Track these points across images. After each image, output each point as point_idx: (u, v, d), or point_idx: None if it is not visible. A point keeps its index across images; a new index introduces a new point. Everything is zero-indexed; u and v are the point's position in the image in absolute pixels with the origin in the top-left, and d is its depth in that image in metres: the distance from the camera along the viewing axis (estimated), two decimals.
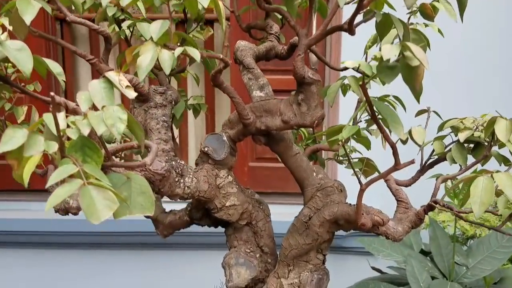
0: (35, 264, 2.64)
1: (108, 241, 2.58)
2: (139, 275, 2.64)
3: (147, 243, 2.60)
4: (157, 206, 1.11)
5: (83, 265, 2.64)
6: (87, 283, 2.64)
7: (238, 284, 0.98)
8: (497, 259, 1.69)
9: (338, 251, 2.64)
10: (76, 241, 2.57)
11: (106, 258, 2.65)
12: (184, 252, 2.64)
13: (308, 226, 0.90)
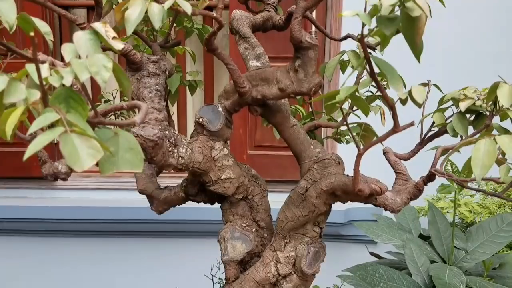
0: (34, 251, 2.63)
1: (106, 228, 2.56)
2: (135, 262, 2.63)
3: (143, 231, 2.59)
4: (152, 182, 1.10)
5: (80, 252, 2.63)
6: (85, 270, 2.63)
7: (234, 258, 0.96)
8: (496, 243, 1.67)
9: (336, 239, 2.63)
10: (75, 228, 2.56)
11: (103, 246, 2.63)
12: (179, 240, 2.63)
13: (304, 197, 0.88)
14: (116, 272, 2.63)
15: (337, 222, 2.55)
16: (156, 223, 2.54)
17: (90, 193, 2.67)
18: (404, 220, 1.97)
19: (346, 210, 2.54)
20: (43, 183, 2.61)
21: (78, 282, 2.63)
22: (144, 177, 1.08)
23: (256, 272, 0.93)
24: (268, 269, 0.93)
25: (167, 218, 2.54)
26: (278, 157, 2.52)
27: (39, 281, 2.63)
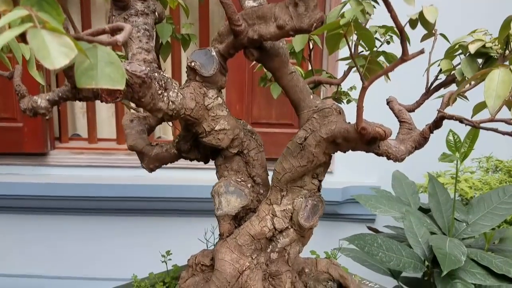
0: (25, 228, 2.58)
1: (99, 206, 2.52)
2: (127, 240, 2.59)
3: (136, 209, 2.55)
4: (143, 138, 1.04)
5: (73, 229, 2.58)
6: (77, 247, 2.59)
7: (228, 212, 0.91)
8: (498, 215, 1.63)
9: (334, 218, 2.59)
10: (68, 206, 2.51)
11: (96, 223, 2.59)
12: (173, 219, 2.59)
13: (303, 147, 0.83)
14: (108, 249, 2.59)
15: (334, 201, 2.51)
16: (149, 201, 2.50)
17: (83, 171, 2.61)
18: (403, 195, 1.93)
19: (343, 189, 2.50)
20: (35, 160, 2.55)
21: (70, 259, 2.59)
22: (134, 133, 1.03)
23: (251, 226, 0.89)
24: (264, 223, 0.88)
25: (161, 196, 2.50)
26: (275, 135, 2.47)
27: (31, 258, 2.59)
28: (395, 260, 1.52)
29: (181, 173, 2.63)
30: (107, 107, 3.00)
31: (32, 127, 2.46)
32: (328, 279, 1.07)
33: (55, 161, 2.59)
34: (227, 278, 0.86)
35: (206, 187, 2.57)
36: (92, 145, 2.69)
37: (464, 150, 1.58)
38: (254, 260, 0.89)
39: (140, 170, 2.60)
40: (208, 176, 2.55)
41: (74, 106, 2.91)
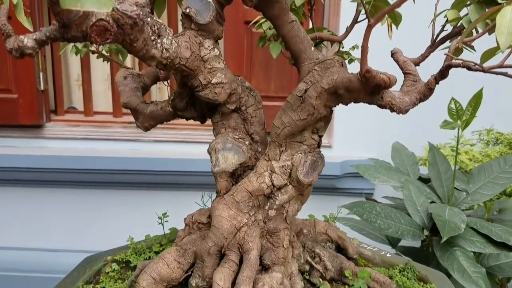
0: (24, 201, 2.56)
1: (95, 179, 2.49)
2: (123, 212, 2.58)
3: (132, 182, 2.53)
4: (137, 96, 1.01)
5: (69, 202, 2.56)
6: (73, 219, 2.57)
7: (225, 169, 0.89)
8: (498, 184, 1.62)
9: (332, 192, 2.57)
10: (63, 178, 2.48)
11: (92, 196, 2.57)
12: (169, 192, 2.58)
13: (303, 99, 0.80)
14: (105, 222, 2.57)
15: (332, 175, 2.49)
16: (146, 174, 2.48)
17: (79, 143, 2.58)
18: (403, 165, 1.91)
19: (342, 163, 2.48)
20: (31, 132, 2.52)
21: (66, 232, 2.58)
22: (128, 91, 0.99)
23: (249, 183, 0.86)
24: (262, 179, 0.86)
25: (158, 169, 2.48)
26: (274, 108, 2.43)
27: (27, 231, 2.57)
28: (393, 228, 1.51)
29: (179, 147, 2.61)
30: (103, 80, 2.95)
31: (27, 98, 2.42)
32: (326, 240, 1.05)
33: (51, 134, 2.56)
34: (224, 234, 0.84)
35: (205, 161, 2.55)
36: (88, 118, 2.65)
37: (466, 118, 1.55)
38: (251, 217, 0.87)
39: (137, 143, 2.58)
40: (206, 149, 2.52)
41: (70, 78, 2.86)
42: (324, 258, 0.99)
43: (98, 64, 2.75)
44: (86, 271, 1.01)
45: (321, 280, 0.97)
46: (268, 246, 0.89)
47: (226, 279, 0.81)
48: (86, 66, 2.61)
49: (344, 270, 0.98)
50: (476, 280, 1.36)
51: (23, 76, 2.40)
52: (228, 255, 0.85)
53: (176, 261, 0.87)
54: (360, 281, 0.94)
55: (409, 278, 1.01)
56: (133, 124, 2.62)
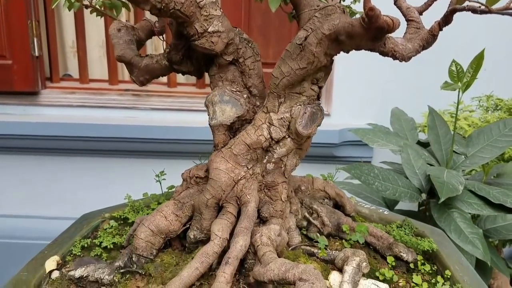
0: (20, 169, 2.55)
1: (93, 146, 2.48)
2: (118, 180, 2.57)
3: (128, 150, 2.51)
4: (131, 49, 0.98)
5: (65, 169, 2.56)
6: (68, 187, 2.57)
7: (223, 122, 0.87)
8: (497, 147, 1.61)
9: (330, 160, 2.57)
10: (59, 146, 2.47)
11: (92, 163, 2.56)
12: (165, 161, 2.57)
13: (303, 47, 0.77)
14: (102, 189, 2.57)
15: (331, 143, 2.48)
16: (142, 142, 2.46)
17: (75, 111, 2.56)
18: (401, 131, 1.89)
19: (340, 131, 2.46)
20: (27, 99, 2.49)
21: (61, 199, 2.58)
22: (122, 43, 0.96)
23: (247, 135, 0.84)
24: (260, 131, 0.84)
25: (154, 137, 2.46)
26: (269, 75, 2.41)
27: (24, 198, 2.57)
28: (391, 190, 1.51)
29: (175, 115, 2.59)
30: (98, 46, 2.90)
31: (21, 64, 2.38)
32: (324, 197, 1.04)
33: (47, 101, 2.53)
34: (222, 186, 0.83)
35: (201, 129, 2.53)
36: (84, 85, 2.62)
37: (466, 80, 1.53)
38: (249, 170, 0.86)
39: (133, 111, 2.55)
40: (205, 118, 2.50)
41: (65, 45, 2.81)
42: (321, 214, 0.98)
43: (93, 31, 2.70)
44: (83, 227, 1.01)
45: (318, 235, 0.97)
46: (266, 199, 0.88)
47: (224, 230, 0.80)
48: (81, 33, 2.56)
49: (342, 225, 0.98)
50: (473, 240, 1.37)
51: (17, 42, 2.35)
52: (226, 207, 0.84)
53: (174, 214, 0.87)
54: (357, 235, 0.94)
55: (407, 233, 1.01)
56: (129, 92, 2.59)
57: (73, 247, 0.92)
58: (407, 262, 0.92)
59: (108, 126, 2.47)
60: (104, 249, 0.92)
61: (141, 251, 0.84)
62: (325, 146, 2.45)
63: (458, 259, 0.90)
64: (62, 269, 0.86)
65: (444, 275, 0.85)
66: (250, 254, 0.81)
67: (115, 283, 0.80)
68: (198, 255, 0.77)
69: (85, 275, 0.80)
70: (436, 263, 0.92)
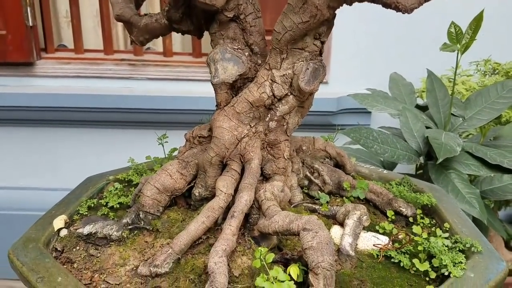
0: (16, 140, 2.55)
1: (90, 117, 2.48)
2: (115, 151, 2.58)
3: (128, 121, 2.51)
4: (130, 8, 0.97)
5: (62, 141, 2.56)
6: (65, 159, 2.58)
7: (225, 80, 0.87)
8: (495, 109, 1.62)
9: (328, 128, 2.57)
10: (58, 117, 2.46)
11: (88, 134, 2.57)
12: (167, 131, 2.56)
13: (305, 0, 0.77)
14: (99, 160, 2.58)
15: (329, 111, 2.49)
16: (139, 112, 2.45)
17: (71, 81, 2.54)
18: (400, 96, 1.90)
19: (338, 99, 2.46)
20: (22, 70, 2.47)
21: (58, 170, 2.58)
22: (120, 2, 0.95)
23: (249, 93, 0.85)
24: (263, 89, 0.84)
25: (150, 108, 2.45)
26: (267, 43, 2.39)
27: (17, 169, 2.58)
28: (389, 152, 1.52)
29: (172, 84, 2.57)
30: (92, 16, 2.85)
31: (16, 35, 2.35)
32: (325, 157, 1.06)
33: (42, 72, 2.50)
34: (226, 144, 0.84)
35: (198, 98, 2.51)
36: (79, 55, 2.59)
37: (465, 41, 1.53)
38: (252, 128, 0.86)
39: (130, 81, 2.54)
40: (201, 88, 2.49)
41: (58, 15, 2.77)
42: (322, 172, 1.00)
43: (87, 0, 2.65)
44: (88, 188, 1.02)
45: (320, 193, 0.99)
46: (269, 157, 0.89)
47: (229, 186, 0.82)
48: (75, 2, 2.52)
49: (342, 183, 1.00)
50: (470, 200, 1.40)
51: (10, 11, 2.31)
52: (230, 165, 0.85)
53: (179, 172, 0.88)
54: (358, 190, 0.96)
55: (406, 190, 1.03)
56: (125, 62, 2.56)
57: (80, 207, 0.94)
58: (406, 216, 0.94)
59: (105, 96, 2.46)
60: (110, 209, 0.94)
61: (148, 208, 0.85)
62: (323, 114, 2.46)
63: (457, 213, 0.92)
64: (70, 228, 0.87)
65: (443, 228, 0.87)
66: (254, 209, 0.83)
67: (123, 239, 0.82)
68: (204, 210, 0.78)
69: (93, 232, 0.82)
70: (435, 217, 0.95)
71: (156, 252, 0.78)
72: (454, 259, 0.73)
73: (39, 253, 0.76)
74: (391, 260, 0.79)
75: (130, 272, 0.75)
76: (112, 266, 0.76)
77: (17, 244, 0.79)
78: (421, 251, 0.78)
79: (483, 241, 0.81)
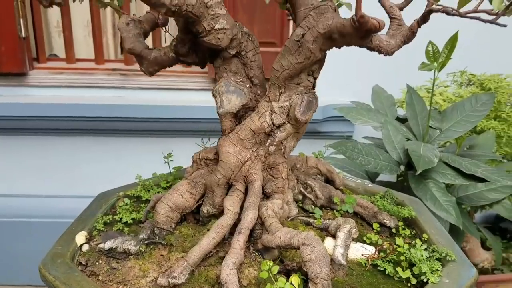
0: (9, 149, 2.60)
1: (83, 126, 2.54)
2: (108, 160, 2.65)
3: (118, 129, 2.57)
4: (140, 42, 1.06)
5: (58, 149, 2.61)
6: (62, 167, 2.64)
7: (229, 110, 0.98)
8: (470, 122, 1.76)
9: (314, 136, 2.69)
10: (51, 126, 2.52)
11: (82, 144, 2.63)
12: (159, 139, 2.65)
13: (301, 44, 0.88)
14: (89, 168, 2.64)
15: (315, 119, 2.60)
16: (131, 121, 2.52)
17: (63, 91, 2.60)
18: (382, 107, 2.03)
19: (324, 107, 2.58)
20: (15, 81, 2.52)
21: (51, 178, 2.64)
22: (131, 37, 1.05)
23: (251, 122, 0.96)
24: (263, 118, 0.95)
25: (142, 116, 2.52)
26: None
27: (11, 179, 2.63)
28: (373, 163, 1.65)
29: (164, 94, 2.65)
30: (83, 26, 2.91)
31: (9, 46, 2.40)
32: (316, 173, 1.17)
33: (35, 82, 2.56)
34: (231, 167, 0.95)
35: (189, 107, 2.59)
36: (71, 65, 2.65)
37: (442, 59, 1.66)
38: (254, 152, 0.97)
39: (122, 91, 2.61)
40: (193, 97, 2.58)
41: (49, 25, 2.82)
42: (315, 188, 1.11)
43: (78, 10, 2.71)
44: (102, 205, 1.11)
45: (313, 207, 1.11)
46: (269, 177, 1.00)
47: (235, 205, 0.92)
48: (66, 12, 2.58)
49: (333, 197, 1.11)
50: (447, 207, 1.53)
51: (3, 23, 2.36)
52: (235, 185, 0.96)
53: (189, 192, 0.98)
54: (347, 205, 1.08)
55: (389, 203, 1.15)
56: (117, 71, 2.63)
57: (97, 223, 1.03)
58: (390, 227, 1.06)
59: (97, 106, 2.53)
60: (124, 224, 1.03)
61: (162, 225, 0.95)
62: (310, 122, 2.57)
63: (433, 224, 1.05)
64: (90, 242, 0.97)
65: (422, 238, 1.00)
66: (257, 225, 0.94)
67: (141, 253, 0.92)
68: (214, 227, 0.89)
69: (114, 247, 0.92)
70: (414, 228, 1.07)
71: (172, 265, 0.88)
72: (432, 267, 0.85)
73: (68, 268, 0.86)
74: (378, 268, 0.91)
75: (151, 283, 0.85)
76: (133, 278, 0.86)
77: (46, 260, 0.88)
78: (403, 260, 0.90)
79: (457, 250, 0.93)
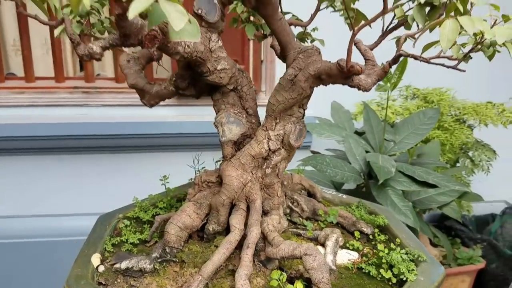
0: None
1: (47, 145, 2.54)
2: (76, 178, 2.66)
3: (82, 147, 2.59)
4: (141, 77, 1.16)
5: (21, 170, 2.59)
6: (28, 187, 2.61)
7: (231, 138, 1.10)
8: (419, 134, 2.00)
9: None
10: (14, 146, 2.49)
11: (46, 163, 2.62)
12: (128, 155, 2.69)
13: (294, 82, 1.02)
14: (55, 187, 2.64)
15: None
16: (95, 138, 2.55)
17: (25, 110, 2.58)
18: (341, 122, 2.23)
19: None
20: None
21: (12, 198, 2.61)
22: (133, 73, 1.14)
23: (251, 148, 1.09)
24: (262, 145, 1.09)
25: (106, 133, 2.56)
26: None
27: None
28: (340, 175, 1.83)
29: (127, 110, 2.70)
30: (41, 44, 2.89)
31: None
32: (301, 189, 1.32)
33: None
34: (235, 189, 1.07)
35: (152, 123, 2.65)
36: (31, 84, 2.64)
37: (394, 80, 1.88)
38: (254, 175, 1.10)
39: (85, 108, 2.64)
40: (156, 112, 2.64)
41: (6, 43, 2.78)
42: (301, 202, 1.26)
43: (35, 29, 2.69)
44: (106, 227, 1.19)
45: (300, 219, 1.25)
46: (266, 196, 1.14)
47: (240, 222, 1.05)
48: (25, 32, 2.56)
49: (317, 210, 1.27)
50: (405, 212, 1.74)
51: None
52: (238, 204, 1.09)
53: (195, 212, 1.09)
54: (331, 217, 1.24)
55: (364, 213, 1.32)
56: (78, 89, 2.65)
57: (105, 244, 1.11)
58: (367, 234, 1.23)
59: (60, 124, 2.54)
60: (132, 244, 1.12)
61: (172, 244, 1.06)
62: None
63: (403, 230, 1.23)
64: (104, 263, 1.05)
65: (395, 242, 1.17)
66: (260, 239, 1.07)
67: (156, 270, 1.02)
68: (224, 243, 1.01)
69: (130, 266, 1.01)
70: (387, 233, 1.25)
71: (187, 279, 0.99)
72: (408, 267, 1.03)
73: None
74: (362, 270, 1.07)
75: None
76: None
77: (70, 281, 0.96)
78: (384, 262, 1.06)
79: (425, 251, 1.12)
